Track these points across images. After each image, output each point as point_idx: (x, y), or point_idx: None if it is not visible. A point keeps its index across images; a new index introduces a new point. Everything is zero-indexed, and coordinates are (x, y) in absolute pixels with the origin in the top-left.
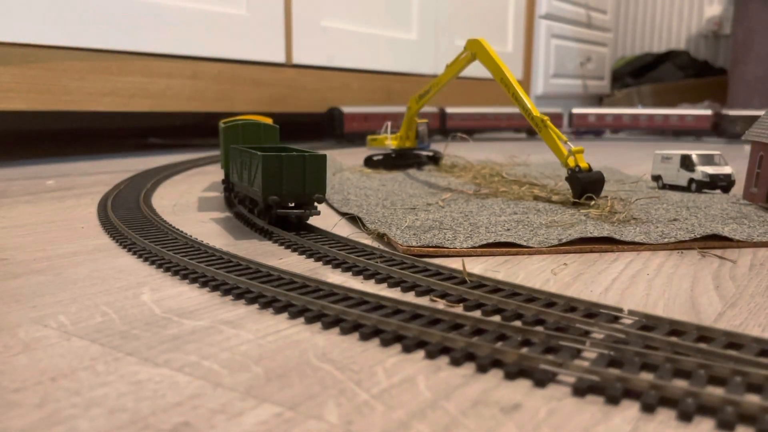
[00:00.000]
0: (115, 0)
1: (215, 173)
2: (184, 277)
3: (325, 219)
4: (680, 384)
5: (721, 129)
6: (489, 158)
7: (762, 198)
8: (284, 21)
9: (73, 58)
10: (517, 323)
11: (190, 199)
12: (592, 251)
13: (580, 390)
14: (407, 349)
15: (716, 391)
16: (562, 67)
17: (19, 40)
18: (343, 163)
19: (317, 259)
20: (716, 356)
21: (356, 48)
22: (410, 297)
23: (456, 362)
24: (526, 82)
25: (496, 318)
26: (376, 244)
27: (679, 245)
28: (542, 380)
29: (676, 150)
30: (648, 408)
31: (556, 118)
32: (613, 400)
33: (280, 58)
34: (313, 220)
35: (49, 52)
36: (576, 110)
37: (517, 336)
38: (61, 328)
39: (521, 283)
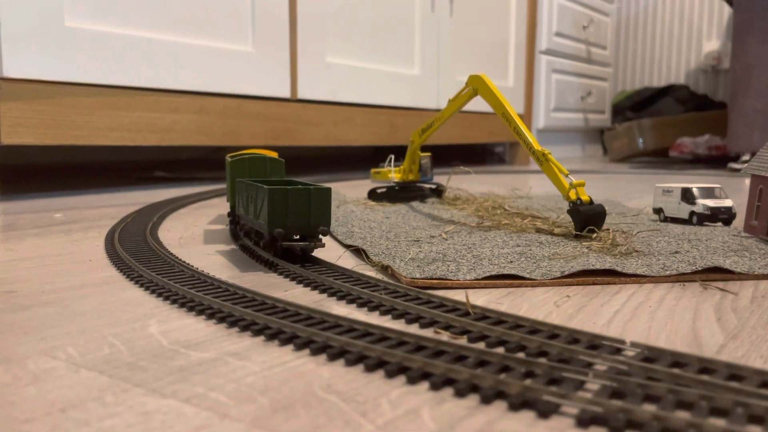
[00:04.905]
0: (124, 37)
1: (221, 206)
2: (191, 309)
3: (329, 251)
4: (683, 415)
5: None
6: (491, 191)
7: (762, 231)
8: (289, 57)
9: (82, 93)
10: (521, 355)
11: (196, 232)
12: (594, 283)
13: (584, 421)
14: (412, 381)
15: (718, 423)
16: (563, 101)
17: (28, 76)
18: (347, 196)
19: (322, 291)
20: (718, 388)
21: (360, 83)
22: (414, 329)
23: (460, 394)
24: (527, 116)
25: (500, 350)
26: (380, 276)
27: (681, 278)
28: (546, 411)
29: (677, 183)
30: None
31: None
32: (616, 431)
33: (285, 93)
34: (317, 253)
35: (58, 88)
36: None
37: (521, 367)
38: (69, 360)
39: (524, 315)
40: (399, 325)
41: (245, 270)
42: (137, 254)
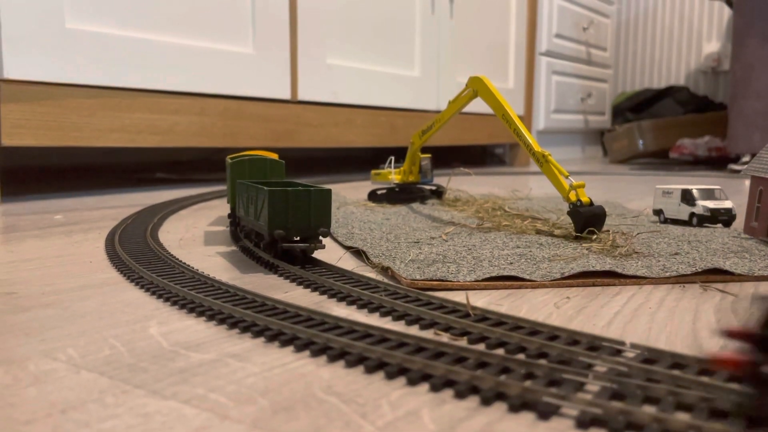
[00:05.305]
0: (124, 38)
1: (221, 207)
2: (191, 310)
3: (329, 252)
4: (682, 417)
5: None
6: (491, 192)
7: (762, 232)
8: (290, 58)
9: (83, 95)
10: (521, 356)
11: (196, 233)
12: (594, 285)
13: (584, 423)
14: (412, 382)
15: (718, 425)
16: (563, 102)
17: (29, 77)
18: (347, 198)
19: (322, 293)
20: (718, 389)
21: (360, 85)
22: (414, 330)
23: (460, 395)
24: (527, 118)
25: (500, 351)
26: (380, 278)
27: (681, 279)
28: (546, 413)
29: (677, 185)
30: None
31: None
32: None
33: (286, 94)
34: (318, 254)
35: (58, 90)
36: None
37: (521, 369)
38: (70, 361)
39: (524, 317)
40: (399, 327)
41: (245, 271)
42: (138, 256)
